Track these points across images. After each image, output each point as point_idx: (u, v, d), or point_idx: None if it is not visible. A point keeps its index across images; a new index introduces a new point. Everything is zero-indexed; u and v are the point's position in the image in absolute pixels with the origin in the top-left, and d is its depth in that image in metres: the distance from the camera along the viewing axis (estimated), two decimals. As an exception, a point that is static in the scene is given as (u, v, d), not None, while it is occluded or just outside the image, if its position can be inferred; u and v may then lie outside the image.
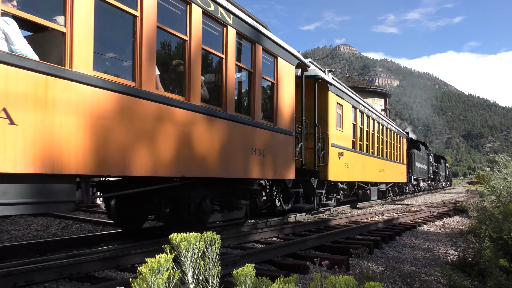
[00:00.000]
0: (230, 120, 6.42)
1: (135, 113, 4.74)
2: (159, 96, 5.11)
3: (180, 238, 1.73)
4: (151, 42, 4.96)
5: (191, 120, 5.60)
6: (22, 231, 7.82)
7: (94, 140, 4.21)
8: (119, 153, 4.52)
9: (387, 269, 5.05)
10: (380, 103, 37.57)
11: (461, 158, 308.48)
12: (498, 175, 7.84)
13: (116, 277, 4.43)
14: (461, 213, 13.33)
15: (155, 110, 5.02)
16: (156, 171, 5.02)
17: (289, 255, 5.57)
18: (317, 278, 1.97)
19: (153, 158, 4.95)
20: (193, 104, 5.64)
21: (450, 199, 21.59)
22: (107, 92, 4.39)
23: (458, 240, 7.49)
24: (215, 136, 6.06)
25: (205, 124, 5.86)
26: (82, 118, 4.10)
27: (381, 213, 11.95)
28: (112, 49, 5.40)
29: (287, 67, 8.27)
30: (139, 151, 4.76)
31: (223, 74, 6.40)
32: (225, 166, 6.26)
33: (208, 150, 5.90)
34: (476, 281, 4.31)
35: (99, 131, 4.27)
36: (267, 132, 7.46)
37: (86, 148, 4.13)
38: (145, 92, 4.87)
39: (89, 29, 4.21)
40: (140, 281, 1.52)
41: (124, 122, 4.58)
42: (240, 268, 1.80)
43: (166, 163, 5.17)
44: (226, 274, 4.02)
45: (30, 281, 3.94)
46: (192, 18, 5.64)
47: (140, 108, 4.81)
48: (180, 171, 5.41)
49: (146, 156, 4.85)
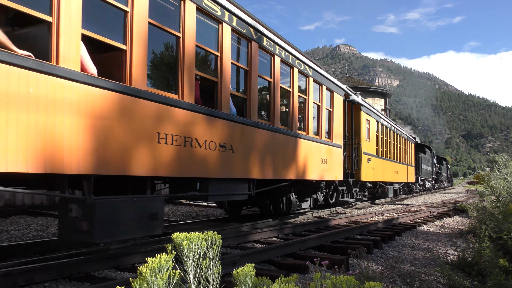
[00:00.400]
0: (311, 140, 9.13)
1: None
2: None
3: (182, 237, 1.73)
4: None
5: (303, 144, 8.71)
6: (22, 231, 7.81)
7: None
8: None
9: (387, 269, 5.06)
10: (380, 103, 37.50)
11: (461, 158, 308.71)
12: (498, 175, 7.82)
13: (116, 277, 4.44)
14: (461, 213, 13.34)
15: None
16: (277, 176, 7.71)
17: (289, 255, 5.58)
18: (317, 278, 1.97)
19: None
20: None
21: (450, 199, 21.59)
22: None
23: (457, 240, 7.50)
24: (306, 152, 8.88)
25: (301, 144, 8.61)
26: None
27: (381, 213, 11.95)
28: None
29: (338, 97, 11.07)
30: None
31: (307, 108, 9.10)
32: (309, 172, 8.99)
33: (303, 161, 8.70)
34: (475, 281, 4.31)
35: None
36: (328, 146, 10.18)
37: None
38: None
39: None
40: (140, 280, 1.53)
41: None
42: (240, 268, 1.81)
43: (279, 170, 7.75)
44: (226, 274, 4.03)
45: (30, 280, 3.95)
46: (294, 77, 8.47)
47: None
48: (290, 176, 8.10)
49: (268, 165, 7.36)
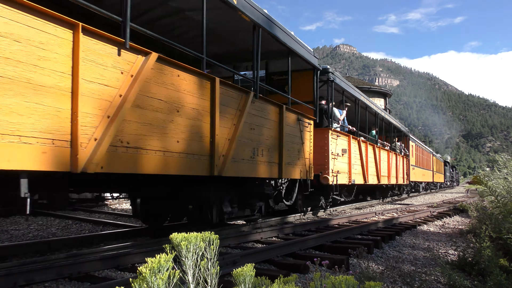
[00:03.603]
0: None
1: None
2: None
3: (180, 237, 1.73)
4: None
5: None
6: (22, 231, 7.81)
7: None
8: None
9: (387, 269, 5.06)
10: (380, 102, 37.46)
11: (461, 158, 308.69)
12: (498, 175, 7.81)
13: (116, 277, 4.44)
14: (461, 213, 13.33)
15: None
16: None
17: (289, 254, 5.58)
18: (317, 277, 1.97)
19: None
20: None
21: (450, 199, 21.59)
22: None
23: (458, 240, 7.50)
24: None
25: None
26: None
27: (381, 213, 11.95)
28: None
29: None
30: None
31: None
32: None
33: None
34: (476, 280, 4.31)
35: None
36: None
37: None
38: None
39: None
40: (140, 281, 1.52)
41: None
42: (239, 268, 1.80)
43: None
44: (226, 274, 4.02)
45: (30, 280, 3.94)
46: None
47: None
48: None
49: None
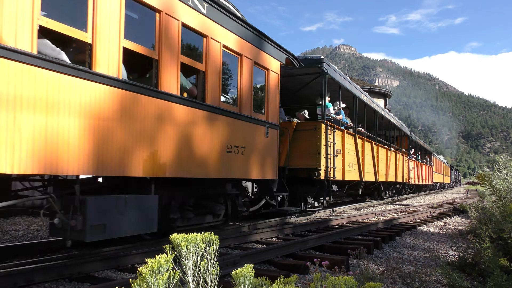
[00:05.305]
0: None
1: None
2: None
3: (180, 238, 1.72)
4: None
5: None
6: (22, 231, 7.81)
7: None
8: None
9: (387, 270, 5.05)
10: (380, 103, 37.61)
11: (461, 158, 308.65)
12: (499, 175, 7.81)
13: (116, 277, 4.44)
14: (461, 213, 13.33)
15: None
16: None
17: (289, 255, 5.57)
18: (317, 278, 1.97)
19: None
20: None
21: (450, 200, 21.59)
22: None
23: (458, 241, 7.49)
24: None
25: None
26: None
27: (381, 214, 11.95)
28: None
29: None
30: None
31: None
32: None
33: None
34: (476, 281, 4.31)
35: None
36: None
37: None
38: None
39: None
40: (140, 281, 1.52)
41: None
42: (239, 269, 1.80)
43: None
44: (226, 274, 4.02)
45: (30, 281, 3.94)
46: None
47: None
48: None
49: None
